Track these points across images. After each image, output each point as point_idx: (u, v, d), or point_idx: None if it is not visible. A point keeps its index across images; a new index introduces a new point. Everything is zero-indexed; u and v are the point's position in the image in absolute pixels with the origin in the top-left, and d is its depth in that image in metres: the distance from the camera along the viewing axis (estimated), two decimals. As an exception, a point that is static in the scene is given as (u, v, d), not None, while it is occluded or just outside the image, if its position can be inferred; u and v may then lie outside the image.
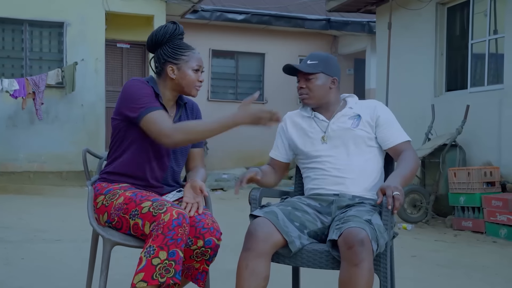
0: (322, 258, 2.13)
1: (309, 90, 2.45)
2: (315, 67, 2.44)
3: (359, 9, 9.18)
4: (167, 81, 2.39)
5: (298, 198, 2.42)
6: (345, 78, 13.37)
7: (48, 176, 9.35)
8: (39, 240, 4.75)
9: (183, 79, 2.37)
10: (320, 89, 2.45)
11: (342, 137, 2.42)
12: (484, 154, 6.47)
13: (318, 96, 2.46)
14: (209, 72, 12.47)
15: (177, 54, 2.37)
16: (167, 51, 2.37)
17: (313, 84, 2.44)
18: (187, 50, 2.39)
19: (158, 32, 2.40)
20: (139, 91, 2.29)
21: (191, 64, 2.37)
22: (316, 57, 2.47)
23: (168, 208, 2.14)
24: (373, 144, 2.44)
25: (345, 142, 2.42)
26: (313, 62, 2.45)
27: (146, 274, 2.06)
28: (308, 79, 2.45)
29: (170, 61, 2.37)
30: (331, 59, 2.50)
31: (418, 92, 7.77)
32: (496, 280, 3.79)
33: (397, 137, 2.43)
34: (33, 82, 8.82)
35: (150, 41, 2.42)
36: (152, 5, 9.95)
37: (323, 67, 2.45)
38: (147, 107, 2.25)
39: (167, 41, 2.38)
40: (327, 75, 2.46)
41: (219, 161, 11.93)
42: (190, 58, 2.38)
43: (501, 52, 6.71)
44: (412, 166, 2.35)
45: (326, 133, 2.45)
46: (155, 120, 2.23)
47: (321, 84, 2.45)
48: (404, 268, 3.86)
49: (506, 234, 5.41)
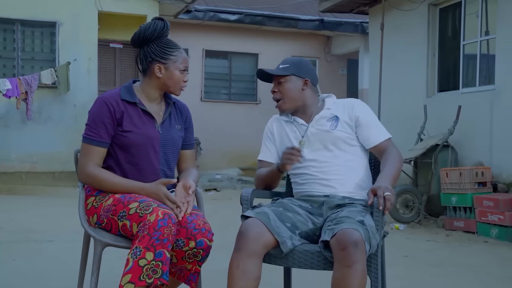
0: (314, 258, 2.14)
1: (282, 94, 2.47)
2: (285, 70, 2.46)
3: (352, 10, 9.21)
4: (152, 80, 2.38)
5: (289, 199, 2.43)
6: (338, 78, 13.42)
7: (41, 176, 9.31)
8: (31, 241, 4.73)
9: (170, 79, 2.37)
10: (292, 91, 2.46)
11: (322, 140, 2.42)
12: (476, 155, 6.50)
13: (291, 98, 2.46)
14: (202, 72, 12.47)
15: (166, 54, 2.35)
16: (155, 49, 2.36)
17: (284, 87, 2.46)
18: (175, 50, 2.38)
19: (147, 29, 2.36)
20: (93, 116, 2.34)
21: (178, 64, 2.37)
22: (287, 61, 2.51)
23: (154, 208, 2.14)
24: (355, 143, 2.45)
25: (326, 144, 2.42)
26: (284, 66, 2.48)
27: (133, 275, 2.05)
28: (280, 82, 2.47)
29: (158, 60, 2.36)
30: (303, 62, 2.53)
31: (410, 92, 7.80)
32: (487, 280, 3.81)
33: (377, 136, 2.44)
34: (26, 82, 8.79)
35: (137, 37, 2.39)
36: (145, 5, 9.93)
37: (294, 70, 2.46)
38: (89, 137, 2.32)
39: (155, 39, 2.37)
40: (299, 77, 2.47)
41: (212, 161, 11.92)
42: (178, 58, 2.37)
43: (492, 53, 6.75)
44: (397, 165, 2.36)
45: (305, 137, 2.45)
46: (85, 152, 2.33)
47: (293, 87, 2.46)
48: (396, 268, 3.88)
49: (497, 234, 5.45)
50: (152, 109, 2.40)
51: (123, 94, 2.35)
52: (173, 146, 2.42)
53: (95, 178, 2.30)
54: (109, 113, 2.31)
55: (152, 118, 2.38)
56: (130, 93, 2.37)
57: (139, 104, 2.36)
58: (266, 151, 2.57)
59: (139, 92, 2.40)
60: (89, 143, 2.32)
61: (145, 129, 2.34)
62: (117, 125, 2.32)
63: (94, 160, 2.31)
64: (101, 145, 2.31)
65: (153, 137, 2.35)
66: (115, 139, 2.33)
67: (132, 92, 2.38)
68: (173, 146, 2.42)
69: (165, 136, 2.39)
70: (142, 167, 2.34)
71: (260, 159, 2.59)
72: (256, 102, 12.71)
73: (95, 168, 2.31)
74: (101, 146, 2.32)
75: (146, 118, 2.36)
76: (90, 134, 2.32)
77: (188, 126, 2.53)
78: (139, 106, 2.35)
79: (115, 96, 2.35)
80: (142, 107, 2.36)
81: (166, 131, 2.40)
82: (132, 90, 2.39)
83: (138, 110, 2.36)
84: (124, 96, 2.35)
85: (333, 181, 2.37)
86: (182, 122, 2.50)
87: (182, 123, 2.50)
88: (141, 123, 2.34)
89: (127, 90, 2.38)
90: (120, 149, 2.33)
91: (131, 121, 2.33)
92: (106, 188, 2.31)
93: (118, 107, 2.32)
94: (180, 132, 2.47)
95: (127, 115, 2.33)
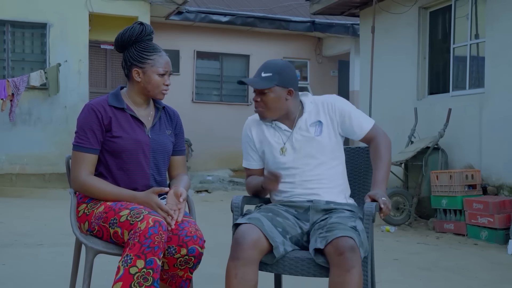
0: (304, 265, 2.15)
1: (265, 104, 2.38)
2: (269, 80, 2.35)
3: (343, 13, 9.23)
4: (134, 84, 2.39)
5: (274, 205, 2.42)
6: (329, 79, 13.46)
7: (30, 178, 9.26)
8: (21, 245, 4.70)
9: (148, 83, 2.36)
10: (276, 102, 2.37)
11: (307, 147, 2.40)
12: (466, 157, 6.55)
13: (274, 109, 2.39)
14: (194, 74, 12.45)
15: (143, 58, 2.34)
16: (133, 54, 2.35)
17: (268, 98, 2.36)
18: (153, 53, 2.35)
19: (124, 33, 2.36)
20: (81, 123, 2.33)
21: (156, 68, 2.35)
22: (270, 68, 2.37)
23: (145, 216, 2.14)
24: (337, 147, 2.44)
25: (310, 151, 2.39)
26: (267, 74, 2.35)
27: (124, 283, 2.05)
28: (263, 93, 2.37)
29: (135, 64, 2.35)
30: (287, 68, 2.40)
31: (401, 95, 7.84)
32: (475, 283, 3.84)
33: (363, 127, 2.43)
34: (14, 84, 8.73)
35: (116, 43, 2.39)
36: (136, 6, 9.90)
37: (277, 80, 2.35)
38: (79, 144, 2.31)
39: (133, 43, 2.36)
40: (283, 87, 2.37)
41: (203, 162, 11.92)
42: (155, 62, 2.35)
43: (482, 55, 6.79)
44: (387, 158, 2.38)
45: (288, 143, 2.42)
46: (77, 160, 2.32)
47: (277, 97, 2.37)
48: (385, 271, 3.90)
49: (486, 237, 5.49)
50: (140, 114, 2.40)
51: (111, 100, 2.36)
52: (163, 151, 2.42)
53: (88, 188, 2.30)
54: (97, 119, 2.31)
55: (141, 123, 2.38)
56: (117, 99, 2.37)
57: (127, 109, 2.36)
58: (249, 158, 2.54)
59: (126, 98, 2.40)
60: (79, 150, 2.32)
61: (135, 134, 2.35)
62: (106, 131, 2.32)
63: (86, 168, 2.31)
64: (91, 151, 2.31)
65: (143, 142, 2.35)
66: (105, 145, 2.33)
67: (119, 97, 2.38)
68: (163, 151, 2.42)
69: (155, 141, 2.39)
70: (132, 172, 2.34)
71: (246, 167, 2.56)
72: (247, 103, 12.72)
73: (88, 176, 2.31)
74: (92, 152, 2.32)
75: (135, 123, 2.37)
76: (80, 142, 2.32)
77: (179, 132, 2.53)
78: (127, 111, 2.36)
79: (103, 102, 2.35)
80: (131, 113, 2.36)
81: (156, 136, 2.40)
82: (119, 96, 2.39)
83: (127, 115, 2.36)
84: (112, 102, 2.35)
85: (317, 189, 2.38)
86: (172, 128, 2.50)
87: (172, 128, 2.50)
88: (130, 128, 2.34)
89: (115, 96, 2.39)
90: (110, 155, 2.33)
91: (120, 127, 2.33)
92: (99, 197, 2.31)
93: (105, 114, 2.32)
94: (170, 137, 2.47)
95: (116, 120, 2.33)
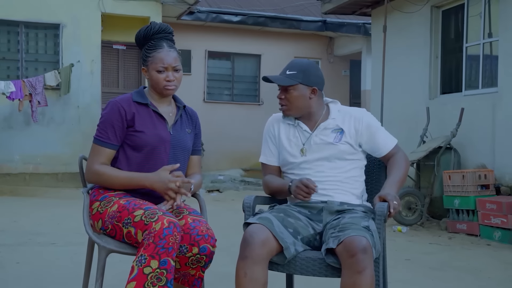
0: (316, 265, 2.15)
1: (288, 101, 2.42)
2: (293, 77, 2.39)
3: (354, 12, 9.20)
4: (148, 83, 2.49)
5: (287, 206, 2.43)
6: (340, 79, 13.42)
7: (44, 178, 9.34)
8: (34, 243, 4.75)
9: (151, 80, 2.44)
10: (299, 100, 2.41)
11: (324, 151, 2.41)
12: (479, 157, 6.50)
13: (297, 107, 2.43)
14: (205, 74, 12.49)
15: (145, 56, 2.43)
16: (142, 53, 2.46)
17: (291, 95, 2.41)
18: (152, 51, 2.41)
19: (139, 32, 2.47)
20: (104, 118, 2.39)
21: (154, 65, 2.40)
22: (295, 67, 2.42)
23: (160, 216, 2.16)
24: (356, 157, 2.44)
25: (327, 156, 2.41)
26: (292, 72, 2.40)
27: (138, 283, 2.07)
28: (287, 90, 2.41)
29: (143, 63, 2.46)
30: (312, 68, 2.44)
31: (413, 94, 7.80)
32: (488, 283, 3.82)
33: (386, 144, 2.46)
34: (30, 84, 8.81)
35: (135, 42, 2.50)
36: (148, 6, 9.95)
37: (302, 78, 2.40)
38: (98, 138, 2.38)
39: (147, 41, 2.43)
40: (306, 86, 2.41)
41: (215, 162, 11.94)
42: (154, 58, 2.40)
43: (495, 55, 6.74)
44: (404, 171, 2.41)
45: (307, 145, 2.44)
46: (93, 152, 2.39)
47: (300, 95, 2.41)
48: (397, 271, 3.89)
49: (500, 237, 5.45)
50: (163, 110, 2.45)
51: (135, 97, 2.43)
52: (184, 148, 2.46)
53: (100, 174, 2.34)
54: (119, 116, 2.36)
55: (163, 119, 2.43)
56: (141, 95, 2.44)
57: (150, 105, 2.42)
58: (269, 153, 2.55)
59: (149, 95, 2.48)
60: (98, 143, 2.38)
61: (157, 130, 2.39)
62: (129, 126, 2.37)
63: (100, 159, 2.36)
64: (108, 146, 2.36)
65: (164, 138, 2.40)
66: (127, 139, 2.38)
67: (143, 94, 2.46)
68: (183, 148, 2.46)
69: (175, 138, 2.43)
70: (152, 167, 2.36)
71: (264, 162, 2.56)
72: (258, 103, 12.72)
73: (101, 165, 2.36)
74: (109, 147, 2.37)
75: (157, 119, 2.42)
76: (99, 135, 2.38)
77: (198, 132, 2.59)
78: (150, 107, 2.41)
79: (127, 99, 2.43)
80: (154, 108, 2.42)
81: (176, 133, 2.45)
82: (143, 93, 2.47)
83: (150, 111, 2.42)
84: (136, 98, 2.42)
85: (330, 190, 2.38)
86: (192, 127, 2.55)
87: (193, 127, 2.56)
88: (152, 124, 2.40)
89: (139, 93, 2.47)
90: (132, 149, 2.38)
91: (143, 122, 2.38)
92: (111, 183, 2.34)
93: (129, 109, 2.38)
94: (190, 136, 2.52)
95: (139, 116, 2.39)
